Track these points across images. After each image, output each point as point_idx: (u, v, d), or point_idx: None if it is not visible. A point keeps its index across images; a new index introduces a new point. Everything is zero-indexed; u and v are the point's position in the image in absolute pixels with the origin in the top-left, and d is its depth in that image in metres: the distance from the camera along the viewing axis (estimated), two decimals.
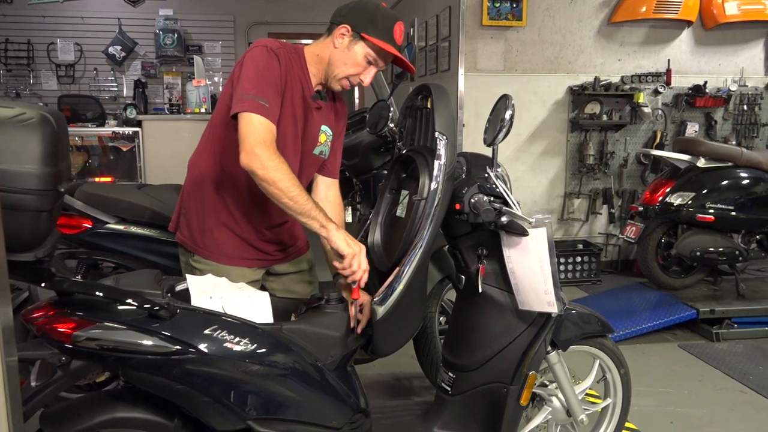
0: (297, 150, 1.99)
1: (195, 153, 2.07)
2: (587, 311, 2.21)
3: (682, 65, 5.17)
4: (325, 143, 2.07)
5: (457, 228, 1.94)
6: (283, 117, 1.89)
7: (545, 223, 1.75)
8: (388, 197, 2.03)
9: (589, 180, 5.19)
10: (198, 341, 1.54)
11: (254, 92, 1.77)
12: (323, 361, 1.73)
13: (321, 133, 2.04)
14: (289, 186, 1.72)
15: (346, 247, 1.75)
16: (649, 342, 3.79)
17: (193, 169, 2.05)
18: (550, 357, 2.08)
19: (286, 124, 1.91)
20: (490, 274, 1.93)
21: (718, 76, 5.22)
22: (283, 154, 1.78)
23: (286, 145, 1.93)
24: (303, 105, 1.95)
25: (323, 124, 2.04)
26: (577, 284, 4.88)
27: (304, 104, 1.96)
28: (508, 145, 4.89)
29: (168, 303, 1.56)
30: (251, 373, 1.60)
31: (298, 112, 1.94)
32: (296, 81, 1.93)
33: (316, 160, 2.08)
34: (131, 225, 2.70)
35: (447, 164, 1.78)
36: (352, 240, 1.78)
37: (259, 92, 1.77)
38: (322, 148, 2.06)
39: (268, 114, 1.77)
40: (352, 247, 1.76)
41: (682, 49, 5.17)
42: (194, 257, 2.05)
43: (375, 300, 1.76)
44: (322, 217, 1.78)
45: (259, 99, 1.76)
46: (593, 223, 5.29)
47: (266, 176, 1.71)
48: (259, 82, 1.79)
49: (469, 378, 2.00)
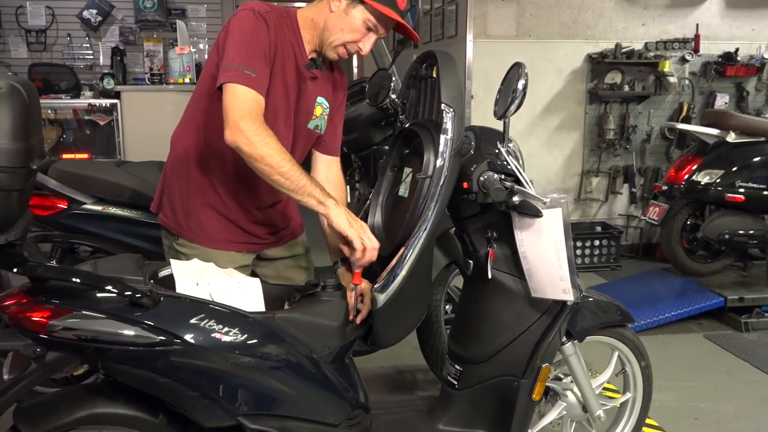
0: (289, 124, 1.98)
1: (178, 127, 2.06)
2: (606, 299, 2.21)
3: (711, 30, 5.13)
4: (321, 117, 2.06)
5: (465, 209, 1.94)
6: (273, 88, 1.88)
7: (561, 203, 1.74)
8: (390, 175, 2.04)
9: (608, 156, 5.18)
10: (184, 331, 1.55)
11: (239, 61, 1.76)
12: (319, 352, 1.73)
13: (317, 106, 2.03)
14: (279, 161, 1.71)
15: (348, 227, 1.74)
16: (672, 332, 3.81)
17: (177, 144, 2.04)
18: (565, 348, 2.08)
19: (277, 96, 1.90)
20: (500, 259, 1.93)
21: (751, 42, 5.18)
22: (274, 129, 1.77)
23: (277, 119, 1.92)
24: (296, 74, 1.94)
25: (319, 95, 2.03)
26: (594, 270, 4.89)
27: (297, 74, 1.95)
28: (520, 119, 4.82)
29: (151, 290, 1.56)
30: (241, 366, 1.61)
31: (291, 82, 1.93)
32: (288, 48, 1.91)
33: (311, 135, 2.07)
34: (110, 206, 2.71)
35: (454, 139, 1.78)
36: (353, 217, 1.77)
37: (244, 61, 1.76)
38: (317, 122, 2.05)
39: (254, 85, 1.75)
40: (354, 225, 1.75)
41: (711, 12, 5.13)
42: (178, 241, 2.04)
43: (375, 287, 1.77)
44: (320, 192, 1.76)
45: (244, 68, 1.75)
46: (613, 204, 5.29)
47: (253, 152, 1.70)
48: (245, 49, 1.78)
49: (477, 371, 2.00)
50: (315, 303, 1.80)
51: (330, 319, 1.78)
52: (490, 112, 1.90)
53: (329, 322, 1.77)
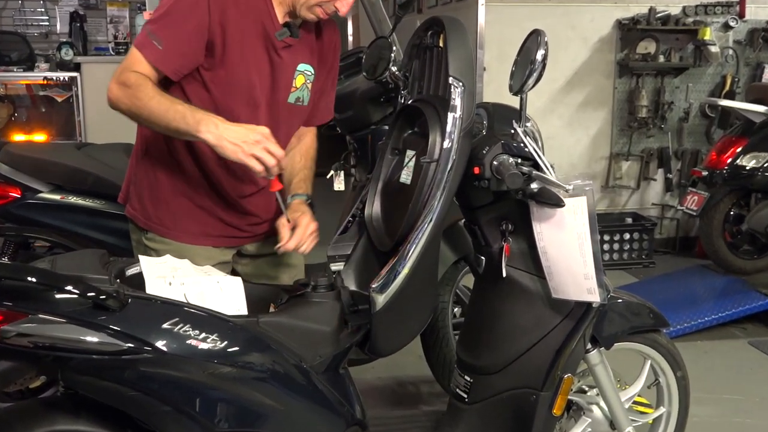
0: (266, 104, 1.99)
1: None
2: (637, 300, 2.21)
3: None
4: (303, 87, 2.06)
5: (476, 197, 1.93)
6: (237, 70, 1.90)
7: (585, 191, 1.74)
8: (390, 159, 2.03)
9: (640, 138, 5.18)
10: (155, 337, 1.55)
11: (154, 27, 1.83)
12: (309, 361, 1.73)
13: (297, 75, 2.04)
14: (141, 95, 1.78)
15: (233, 150, 1.75)
16: (712, 338, 3.81)
17: None
18: (591, 356, 2.08)
19: (240, 77, 1.92)
20: (516, 255, 1.92)
21: None
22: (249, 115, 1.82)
23: (251, 102, 1.94)
24: (265, 47, 1.95)
25: (300, 62, 2.04)
26: (624, 267, 4.89)
27: (268, 46, 1.95)
28: (539, 94, 4.83)
29: (117, 291, 1.55)
30: (221, 377, 1.61)
31: (259, 57, 1.94)
32: (249, 21, 1.91)
33: (294, 110, 2.07)
34: (69, 194, 2.72)
35: (463, 118, 1.77)
36: (239, 127, 1.77)
37: (158, 30, 1.82)
38: (298, 94, 2.06)
39: (154, 58, 1.82)
40: (239, 143, 1.74)
41: None
42: (147, 235, 2.05)
43: (374, 287, 1.76)
44: (189, 111, 1.78)
45: (153, 37, 1.82)
46: (645, 192, 5.30)
47: (113, 97, 1.81)
48: (165, 19, 1.83)
49: (490, 382, 2.00)
50: (305, 305, 1.80)
51: (322, 324, 1.78)
52: (505, 87, 1.88)
53: (321, 327, 1.77)
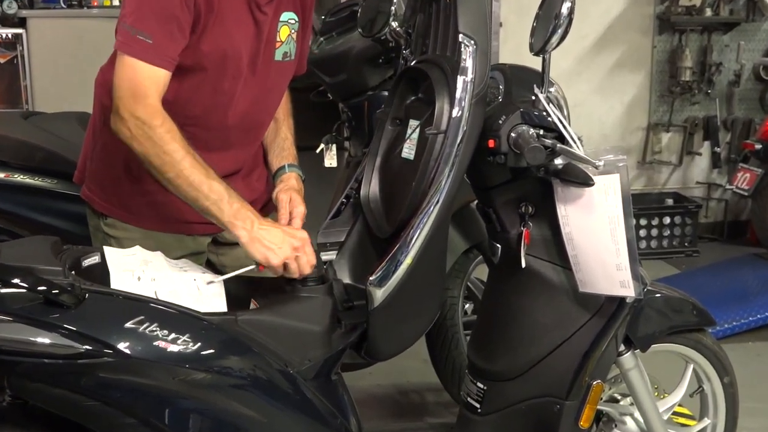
0: (252, 71, 2.00)
1: (105, 67, 2.05)
2: (678, 295, 2.21)
3: None
4: (289, 39, 2.07)
5: (491, 175, 1.93)
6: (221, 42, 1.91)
7: (619, 167, 1.74)
8: (390, 131, 2.02)
9: (683, 105, 5.17)
10: (116, 338, 1.54)
11: (132, 20, 1.80)
12: (297, 366, 1.73)
13: (281, 27, 2.04)
14: (168, 161, 1.76)
15: (265, 255, 1.78)
16: (766, 339, 3.82)
17: (103, 90, 2.01)
18: (624, 360, 2.08)
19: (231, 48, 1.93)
20: (537, 242, 1.93)
21: None
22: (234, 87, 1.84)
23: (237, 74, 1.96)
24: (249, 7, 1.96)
25: (283, 11, 2.05)
26: (664, 256, 4.90)
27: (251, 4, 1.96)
28: (565, 54, 4.80)
29: (72, 284, 1.55)
30: (193, 384, 1.62)
31: (245, 20, 1.95)
32: None
33: (282, 69, 2.09)
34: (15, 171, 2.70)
35: (475, 81, 1.76)
36: (277, 230, 1.81)
37: (138, 21, 1.79)
38: (285, 49, 2.07)
39: (149, 56, 1.79)
40: (277, 250, 1.78)
41: None
42: (107, 220, 2.05)
43: (371, 280, 1.76)
44: (228, 202, 1.80)
45: (137, 32, 1.79)
46: (689, 169, 5.30)
47: (136, 147, 1.78)
48: (143, 8, 1.81)
49: (506, 390, 2.01)
50: (291, 301, 1.81)
51: (311, 323, 1.78)
52: (525, 46, 1.88)
53: (310, 326, 1.78)
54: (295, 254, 1.79)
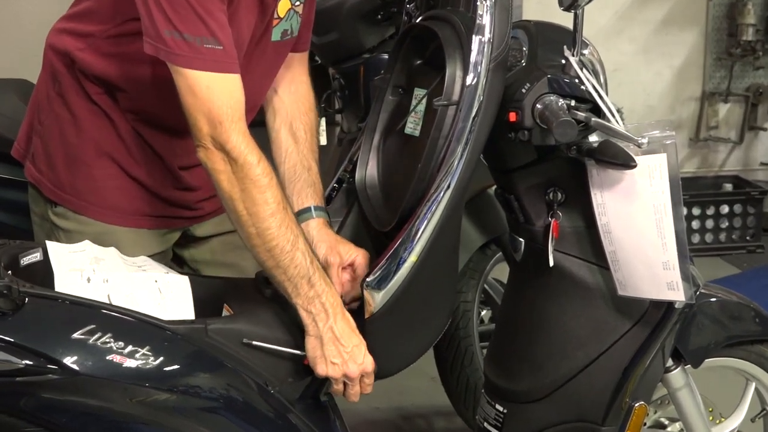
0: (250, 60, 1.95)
1: (58, 25, 1.99)
2: (737, 299, 2.16)
3: None
4: (289, 15, 2.01)
5: (512, 155, 1.87)
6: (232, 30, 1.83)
7: (666, 145, 1.66)
8: (391, 102, 1.96)
9: (745, 70, 5.10)
10: (62, 351, 1.51)
11: (184, 27, 1.64)
12: (278, 385, 1.69)
13: (280, 1, 1.98)
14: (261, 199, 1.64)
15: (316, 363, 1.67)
16: None
17: (55, 54, 1.96)
18: (672, 377, 2.02)
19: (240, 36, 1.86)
20: (568, 236, 1.85)
21: None
22: None
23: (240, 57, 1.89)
24: None
25: None
26: (721, 253, 4.85)
27: None
28: (602, 9, 4.73)
29: (9, 286, 1.50)
30: (154, 406, 1.59)
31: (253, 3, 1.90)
32: None
33: (280, 48, 2.04)
34: None
35: (494, 43, 1.67)
36: (350, 338, 1.69)
37: (192, 27, 1.64)
38: (285, 26, 2.00)
39: (226, 64, 1.67)
40: (334, 366, 1.67)
41: None
42: (57, 209, 1.98)
43: (369, 281, 1.69)
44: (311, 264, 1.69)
45: (204, 41, 1.65)
46: (752, 147, 5.24)
47: (219, 175, 1.65)
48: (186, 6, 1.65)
49: (531, 414, 1.95)
50: (271, 306, 1.74)
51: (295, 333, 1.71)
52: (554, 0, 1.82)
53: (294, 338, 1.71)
54: (350, 380, 1.71)
